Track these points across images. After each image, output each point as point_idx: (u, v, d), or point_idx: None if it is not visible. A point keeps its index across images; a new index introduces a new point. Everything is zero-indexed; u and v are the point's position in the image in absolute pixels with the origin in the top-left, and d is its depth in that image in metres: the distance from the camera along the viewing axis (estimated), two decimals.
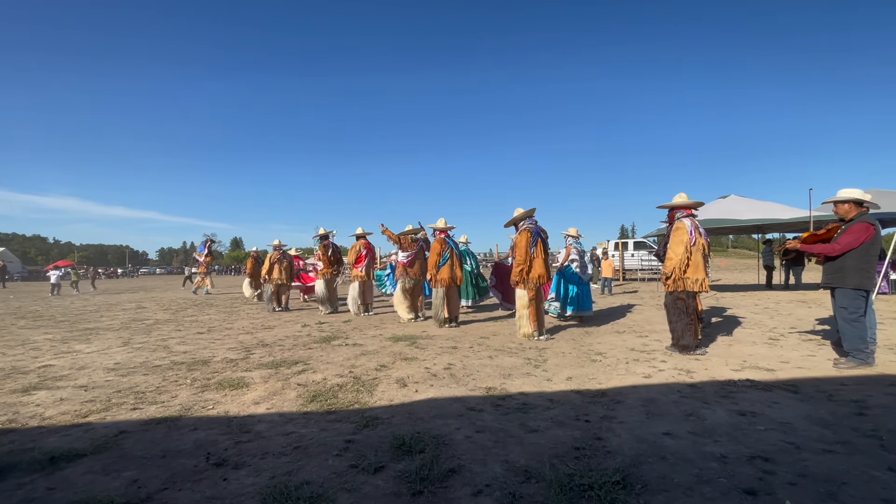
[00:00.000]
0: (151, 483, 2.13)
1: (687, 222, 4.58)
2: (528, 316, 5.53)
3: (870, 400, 3.07)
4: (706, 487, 1.97)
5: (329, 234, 9.01)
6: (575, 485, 1.97)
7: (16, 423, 2.96)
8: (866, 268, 3.86)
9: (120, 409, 3.23)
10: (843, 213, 4.08)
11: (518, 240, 5.64)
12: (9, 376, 4.23)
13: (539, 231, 5.65)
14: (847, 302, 3.92)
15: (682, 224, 4.60)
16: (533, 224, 5.64)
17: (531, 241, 5.48)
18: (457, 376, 3.93)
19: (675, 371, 3.96)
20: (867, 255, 3.84)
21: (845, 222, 4.05)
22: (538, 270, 5.47)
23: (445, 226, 6.87)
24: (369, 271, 8.44)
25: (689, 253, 4.49)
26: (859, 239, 3.82)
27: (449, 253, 6.62)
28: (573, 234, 7.42)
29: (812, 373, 3.83)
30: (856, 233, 3.85)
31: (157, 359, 4.91)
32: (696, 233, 4.56)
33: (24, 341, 6.28)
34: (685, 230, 4.53)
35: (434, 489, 2.00)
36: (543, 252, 5.57)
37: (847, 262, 3.89)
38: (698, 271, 4.50)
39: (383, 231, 7.75)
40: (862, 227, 3.85)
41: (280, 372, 4.19)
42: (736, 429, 2.61)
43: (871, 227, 3.84)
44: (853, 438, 2.46)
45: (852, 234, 3.86)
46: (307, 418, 2.95)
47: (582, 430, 2.65)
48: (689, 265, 4.52)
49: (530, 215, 5.74)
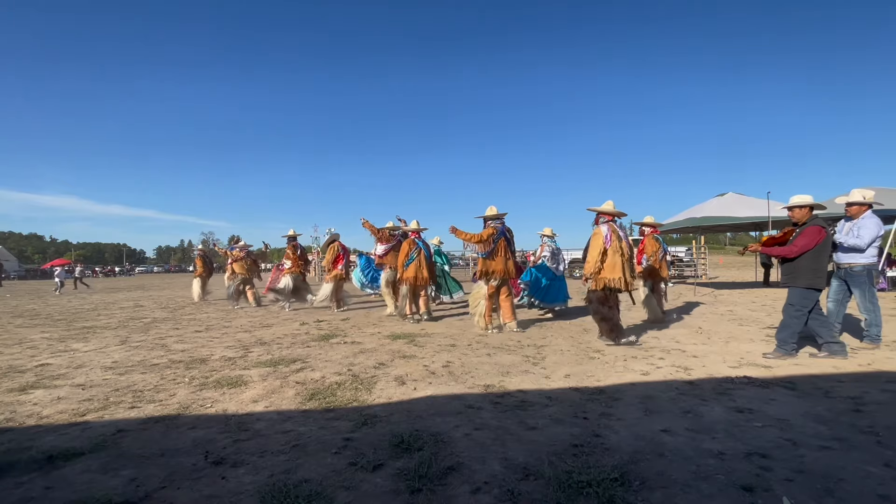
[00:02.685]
0: (150, 482, 2.13)
1: (604, 228, 5.08)
2: (484, 309, 6.03)
3: (866, 396, 3.09)
4: (704, 484, 1.98)
5: (297, 236, 9.61)
6: (573, 482, 1.98)
7: (13, 422, 2.95)
8: (818, 268, 4.14)
9: (118, 407, 3.22)
10: (798, 217, 4.35)
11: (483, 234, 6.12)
12: (6, 375, 4.21)
13: (504, 231, 6.06)
14: (796, 300, 4.21)
15: (598, 230, 5.13)
16: (500, 224, 6.06)
17: (494, 238, 5.94)
18: (455, 374, 3.93)
19: (673, 368, 3.97)
20: (819, 257, 4.14)
21: (799, 226, 4.31)
22: (497, 266, 5.91)
23: (418, 227, 7.26)
24: (347, 270, 9.10)
25: (605, 255, 4.98)
26: (813, 241, 4.11)
27: (416, 253, 6.98)
28: (548, 233, 8.09)
29: (809, 370, 3.85)
30: (810, 235, 4.13)
31: (154, 357, 4.90)
32: (613, 237, 5.02)
33: (22, 340, 6.26)
34: (601, 235, 5.05)
35: (433, 487, 2.00)
36: (506, 251, 5.99)
37: (801, 263, 4.17)
38: (615, 271, 4.96)
39: (364, 224, 8.08)
40: (815, 230, 4.14)
41: (278, 370, 4.19)
42: (733, 425, 2.63)
43: (823, 230, 4.13)
44: (850, 435, 2.47)
45: (806, 237, 4.14)
46: (306, 416, 2.95)
47: (580, 427, 2.66)
48: (606, 266, 4.99)
49: (500, 217, 6.14)
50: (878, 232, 4.46)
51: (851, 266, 4.58)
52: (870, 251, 4.49)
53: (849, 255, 4.58)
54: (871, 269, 4.53)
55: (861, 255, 4.52)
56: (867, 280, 4.56)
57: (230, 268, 10.46)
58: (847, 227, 4.67)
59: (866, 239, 4.44)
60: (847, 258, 4.59)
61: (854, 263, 4.56)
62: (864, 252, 4.50)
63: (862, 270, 4.55)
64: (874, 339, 4.62)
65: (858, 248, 4.47)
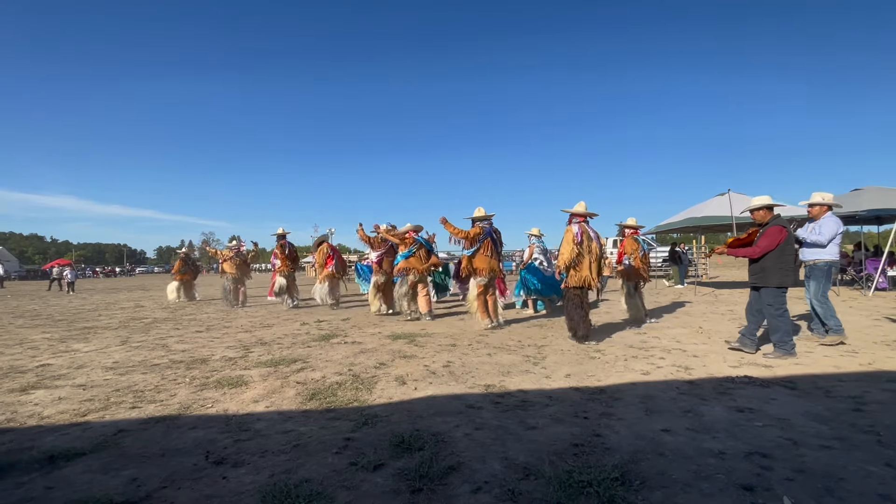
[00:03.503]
0: (151, 481, 2.13)
1: (575, 228, 5.30)
2: (478, 307, 6.28)
3: (867, 396, 3.09)
4: (704, 483, 1.98)
5: (286, 235, 9.85)
6: (574, 481, 1.98)
7: (14, 423, 2.95)
8: (785, 267, 4.27)
9: (119, 407, 3.22)
10: (760, 218, 4.53)
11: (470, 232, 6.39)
12: (7, 375, 4.22)
13: (491, 231, 6.36)
14: (772, 299, 4.31)
15: (569, 229, 5.35)
16: (487, 224, 6.37)
17: (481, 238, 6.21)
18: (456, 374, 3.93)
19: (674, 368, 3.97)
20: (784, 255, 4.26)
21: (762, 226, 4.47)
22: (483, 264, 6.20)
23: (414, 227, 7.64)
24: (338, 269, 9.30)
25: (576, 253, 5.19)
26: (775, 241, 4.25)
27: (416, 247, 7.28)
28: (535, 233, 8.27)
29: (809, 369, 3.85)
30: (771, 235, 4.28)
31: (155, 357, 4.91)
32: (583, 236, 5.25)
33: (22, 340, 6.27)
34: (571, 233, 5.28)
35: (433, 486, 2.00)
36: (492, 251, 6.29)
37: (768, 262, 4.30)
38: (583, 270, 5.20)
39: (358, 232, 8.41)
40: (775, 230, 4.29)
41: (279, 370, 4.19)
42: (734, 425, 2.62)
43: (784, 229, 4.29)
44: (850, 434, 2.47)
45: (768, 238, 4.29)
46: (306, 416, 2.95)
47: (581, 426, 2.66)
48: (578, 265, 5.22)
49: (487, 219, 6.43)
50: (837, 230, 4.77)
51: (815, 262, 4.89)
52: (831, 248, 4.81)
53: (812, 253, 4.89)
54: (832, 265, 4.84)
55: (823, 252, 4.83)
56: (826, 276, 4.85)
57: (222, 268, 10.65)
58: (809, 227, 4.99)
59: (827, 235, 4.74)
60: (811, 255, 4.91)
61: (818, 260, 4.87)
62: (826, 248, 4.80)
63: (824, 266, 4.85)
64: (837, 331, 4.80)
65: (820, 244, 4.77)
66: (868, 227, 13.94)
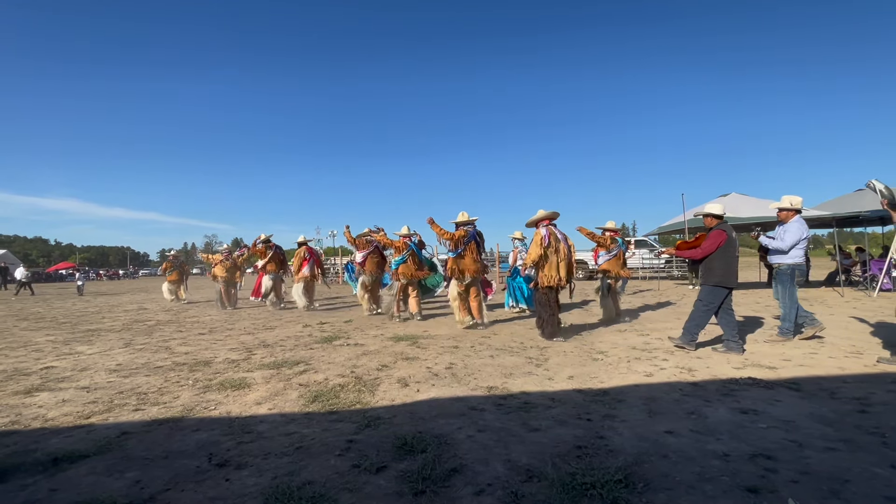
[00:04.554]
0: (154, 484, 2.13)
1: (542, 230, 5.64)
2: (458, 307, 6.52)
3: (872, 397, 3.07)
4: (708, 486, 1.97)
5: (270, 238, 10.30)
6: (577, 483, 1.97)
7: (18, 425, 2.97)
8: (727, 268, 4.60)
9: (122, 410, 3.23)
10: (707, 224, 4.92)
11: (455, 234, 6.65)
12: (11, 378, 4.24)
13: (475, 234, 6.65)
14: (706, 296, 4.69)
15: (538, 232, 5.69)
16: (471, 228, 6.67)
17: (465, 240, 6.51)
18: (458, 376, 3.93)
19: (677, 369, 3.96)
20: (726, 258, 4.60)
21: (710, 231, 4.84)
22: (466, 265, 6.47)
23: (408, 232, 7.95)
24: (313, 272, 9.65)
25: (544, 255, 5.50)
26: (714, 243, 4.61)
27: (408, 253, 7.51)
28: (518, 237, 8.51)
29: (814, 370, 3.83)
30: (711, 239, 4.65)
31: (158, 360, 4.92)
32: (551, 238, 5.56)
33: (27, 343, 6.30)
34: (540, 235, 5.62)
35: (436, 489, 2.00)
36: (476, 252, 6.60)
37: (712, 263, 4.65)
38: (551, 270, 5.50)
39: (345, 233, 8.66)
40: (716, 233, 4.65)
41: (282, 372, 4.19)
42: (738, 427, 2.61)
43: (724, 233, 4.62)
44: (856, 436, 2.45)
45: (709, 241, 4.67)
46: (309, 418, 2.96)
47: (584, 428, 2.65)
48: (546, 265, 5.52)
49: (471, 222, 6.74)
50: (801, 235, 4.96)
51: (780, 265, 5.09)
52: (794, 252, 4.99)
53: (778, 257, 5.10)
54: (794, 268, 5.02)
55: (787, 256, 5.02)
56: (790, 278, 5.02)
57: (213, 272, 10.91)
58: (777, 231, 5.19)
59: (788, 241, 4.95)
60: (777, 259, 5.12)
61: (782, 263, 5.07)
62: (788, 253, 5.00)
63: (787, 269, 5.03)
64: (785, 333, 5.00)
65: (781, 250, 5.00)
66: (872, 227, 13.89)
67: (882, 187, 4.39)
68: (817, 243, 50.46)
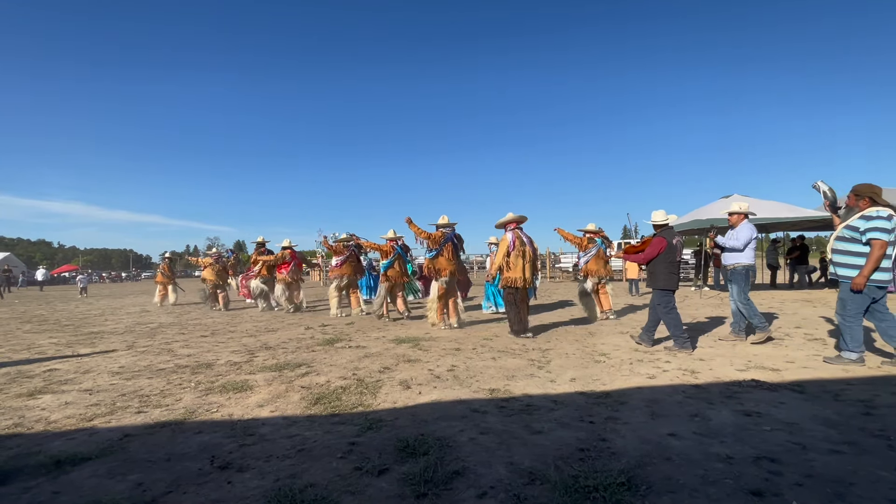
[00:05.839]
0: (156, 486, 2.13)
1: (509, 235, 6.00)
2: (436, 308, 6.74)
3: (877, 399, 3.05)
4: (712, 488, 1.96)
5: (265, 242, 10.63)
6: (580, 486, 1.96)
7: (21, 427, 2.97)
8: (670, 272, 4.89)
9: (125, 412, 3.24)
10: (655, 230, 5.26)
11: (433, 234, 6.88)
12: (14, 380, 4.25)
13: (453, 237, 6.89)
14: (659, 299, 4.94)
15: (505, 237, 6.05)
16: (450, 230, 6.90)
17: (442, 242, 6.72)
18: (460, 378, 3.92)
19: (680, 372, 3.94)
20: (667, 262, 4.90)
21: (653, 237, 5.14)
22: (443, 265, 6.68)
23: (394, 235, 8.20)
24: (294, 275, 9.93)
25: (508, 258, 5.88)
26: (655, 250, 4.91)
27: (395, 257, 7.83)
28: (494, 241, 8.69)
29: (818, 373, 3.81)
30: (654, 245, 4.95)
31: (161, 362, 4.93)
32: (517, 242, 5.91)
33: (30, 345, 6.31)
34: (506, 242, 5.97)
35: (438, 491, 1.99)
36: (451, 253, 6.78)
37: (657, 268, 4.94)
38: (516, 271, 5.85)
39: (323, 242, 9.12)
40: (657, 240, 4.95)
41: (284, 375, 4.20)
42: (741, 429, 2.60)
43: (664, 240, 4.93)
44: (860, 438, 2.44)
45: (651, 247, 4.98)
46: (311, 421, 2.95)
47: (586, 431, 2.64)
48: (511, 267, 5.87)
49: (450, 226, 6.99)
50: (751, 235, 5.13)
51: (735, 266, 5.21)
52: (747, 253, 5.14)
53: (732, 257, 5.23)
54: (748, 268, 5.19)
55: (741, 256, 5.16)
56: (745, 278, 5.18)
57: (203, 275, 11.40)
58: (729, 234, 5.36)
59: (743, 241, 5.09)
60: (731, 259, 5.24)
61: (736, 264, 5.20)
62: (743, 253, 5.14)
63: (742, 270, 5.18)
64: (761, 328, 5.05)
65: (736, 248, 5.13)
66: None
67: (826, 189, 4.46)
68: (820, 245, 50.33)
